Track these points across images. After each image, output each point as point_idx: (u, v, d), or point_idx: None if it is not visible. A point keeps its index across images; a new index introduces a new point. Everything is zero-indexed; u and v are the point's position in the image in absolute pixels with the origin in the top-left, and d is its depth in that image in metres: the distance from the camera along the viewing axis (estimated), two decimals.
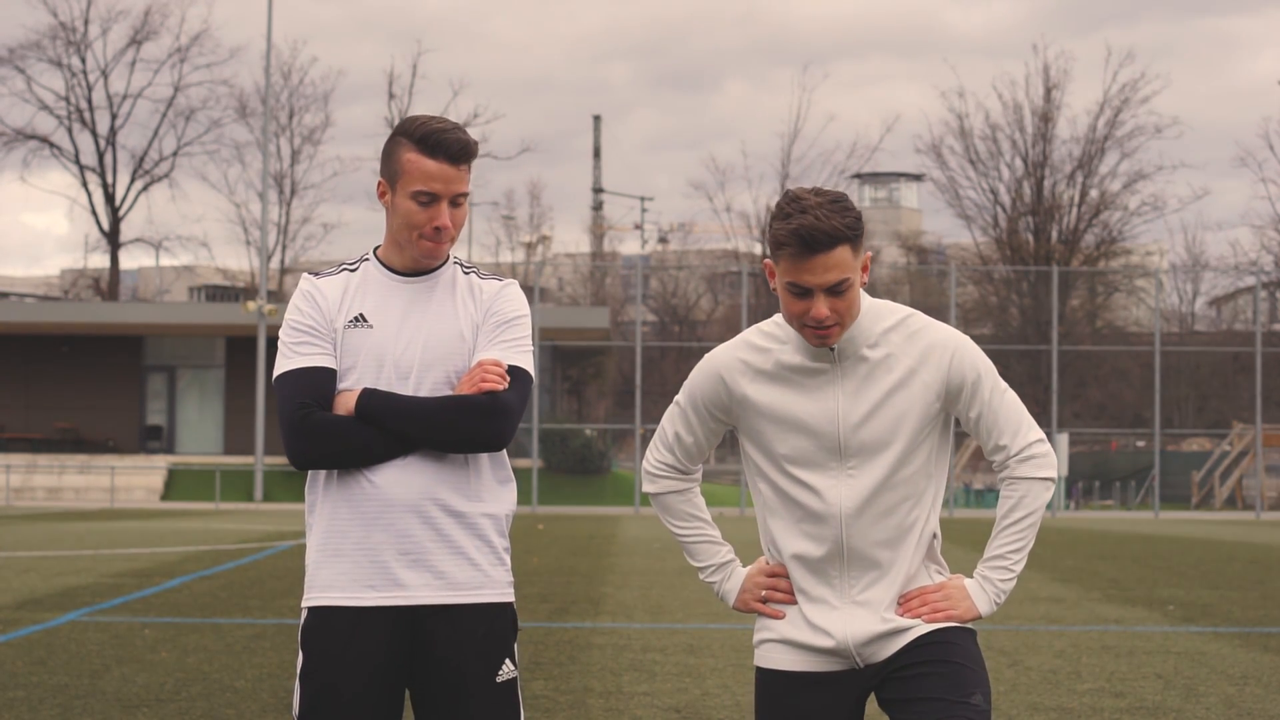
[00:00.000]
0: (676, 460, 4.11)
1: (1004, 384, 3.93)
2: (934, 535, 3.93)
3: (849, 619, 3.88)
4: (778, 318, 3.94)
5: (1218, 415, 63.58)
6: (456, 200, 3.94)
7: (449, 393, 3.94)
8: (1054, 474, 3.91)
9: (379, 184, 4.01)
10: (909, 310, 3.91)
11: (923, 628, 3.85)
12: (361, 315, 3.97)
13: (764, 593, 4.00)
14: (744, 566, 4.14)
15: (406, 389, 3.92)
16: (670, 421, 4.10)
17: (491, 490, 3.99)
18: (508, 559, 4.03)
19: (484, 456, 3.97)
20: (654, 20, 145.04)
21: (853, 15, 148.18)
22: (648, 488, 4.16)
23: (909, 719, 3.79)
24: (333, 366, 3.95)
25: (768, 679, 3.98)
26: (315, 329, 3.97)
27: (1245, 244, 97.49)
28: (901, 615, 3.88)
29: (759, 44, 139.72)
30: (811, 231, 3.67)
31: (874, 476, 3.85)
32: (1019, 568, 3.90)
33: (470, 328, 3.99)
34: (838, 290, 3.73)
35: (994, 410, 3.88)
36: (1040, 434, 3.94)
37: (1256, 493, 50.78)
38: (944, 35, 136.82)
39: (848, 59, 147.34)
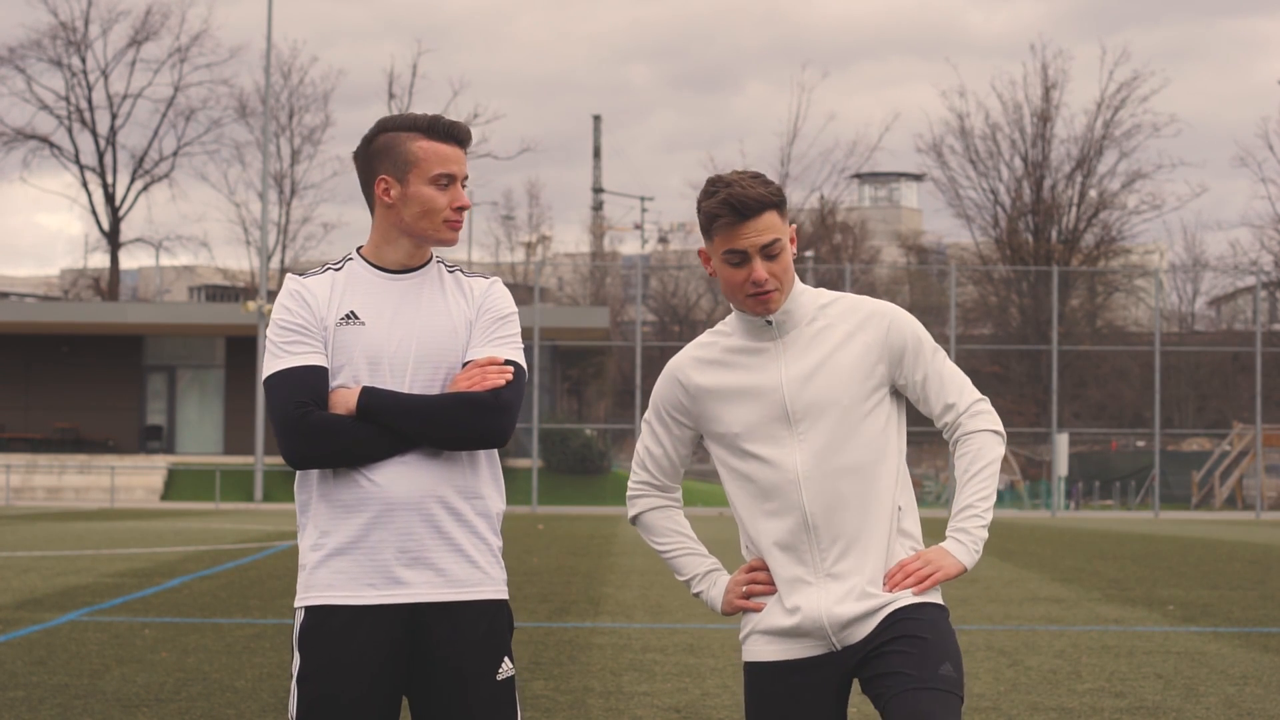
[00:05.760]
0: (650, 476, 4.18)
1: (943, 351, 4.08)
2: (899, 508, 3.99)
3: (822, 594, 3.92)
4: (729, 318, 4.09)
5: (1218, 415, 63.55)
6: (463, 183, 3.97)
7: (442, 389, 3.93)
8: (1002, 429, 4.09)
9: (379, 182, 3.97)
10: (844, 293, 4.10)
11: (893, 604, 3.90)
12: (353, 313, 3.94)
13: (744, 588, 4.05)
14: (729, 574, 4.17)
15: (401, 386, 3.90)
16: (640, 439, 4.21)
17: (488, 488, 3.99)
18: (501, 557, 4.03)
19: (481, 454, 3.97)
20: (675, 21, 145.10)
21: (875, 17, 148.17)
22: (629, 513, 4.25)
23: (883, 692, 3.84)
24: (325, 365, 3.92)
25: (753, 672, 4.04)
26: (306, 327, 3.93)
27: (1245, 244, 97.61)
28: (887, 592, 3.92)
29: (780, 45, 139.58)
30: (740, 198, 3.89)
31: (825, 436, 3.93)
32: (989, 516, 4.02)
33: (464, 323, 3.98)
34: (771, 252, 3.93)
35: (939, 372, 4.04)
36: (983, 395, 4.12)
37: (1256, 493, 50.78)
38: (966, 37, 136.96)
39: (870, 60, 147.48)
